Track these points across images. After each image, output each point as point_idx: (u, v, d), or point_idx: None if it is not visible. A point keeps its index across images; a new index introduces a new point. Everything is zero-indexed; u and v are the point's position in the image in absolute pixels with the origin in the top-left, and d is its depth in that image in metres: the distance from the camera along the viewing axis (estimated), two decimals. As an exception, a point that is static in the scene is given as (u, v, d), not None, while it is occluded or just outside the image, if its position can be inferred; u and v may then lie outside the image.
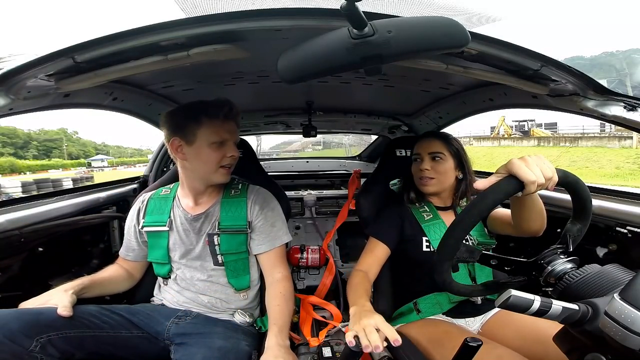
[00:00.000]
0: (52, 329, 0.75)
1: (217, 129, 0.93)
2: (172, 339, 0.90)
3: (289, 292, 0.98)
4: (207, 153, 0.93)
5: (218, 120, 0.93)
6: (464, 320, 0.99)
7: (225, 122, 0.94)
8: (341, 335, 1.07)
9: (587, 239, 1.01)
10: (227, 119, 0.94)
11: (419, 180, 1.08)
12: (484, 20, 0.74)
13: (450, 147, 1.07)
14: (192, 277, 0.99)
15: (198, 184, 0.99)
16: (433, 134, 1.11)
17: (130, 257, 1.05)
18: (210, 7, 0.66)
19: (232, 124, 0.97)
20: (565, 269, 0.59)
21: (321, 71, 0.55)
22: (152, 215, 1.03)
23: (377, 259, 1.03)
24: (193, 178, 0.99)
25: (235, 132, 0.98)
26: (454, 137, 1.11)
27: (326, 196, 1.94)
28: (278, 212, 1.06)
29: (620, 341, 0.42)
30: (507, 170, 0.61)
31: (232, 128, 0.96)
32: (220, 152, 0.94)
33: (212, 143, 0.92)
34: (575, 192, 0.64)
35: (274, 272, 1.01)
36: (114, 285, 1.01)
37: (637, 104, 0.78)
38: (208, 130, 0.92)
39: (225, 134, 0.94)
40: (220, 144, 0.94)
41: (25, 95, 0.73)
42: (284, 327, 0.91)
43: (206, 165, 0.95)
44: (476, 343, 0.55)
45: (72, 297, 0.82)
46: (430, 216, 1.07)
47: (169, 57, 0.71)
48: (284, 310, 0.94)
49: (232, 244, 0.99)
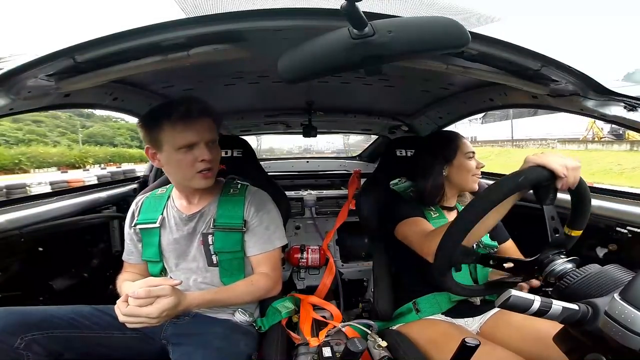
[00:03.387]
0: (37, 328, 0.76)
1: (180, 132, 0.84)
2: (169, 339, 0.89)
3: (261, 286, 0.95)
4: (177, 159, 0.87)
5: (179, 121, 0.84)
6: (464, 320, 0.99)
7: (188, 122, 0.85)
8: (341, 335, 1.07)
9: (587, 239, 1.02)
10: (189, 119, 0.85)
11: (472, 177, 1.05)
12: (483, 20, 0.74)
13: None
14: (187, 278, 0.99)
15: (186, 188, 0.98)
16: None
17: (132, 260, 1.05)
18: (210, 7, 0.66)
19: (198, 124, 0.87)
20: (565, 269, 0.59)
21: (321, 71, 0.55)
22: (145, 213, 1.02)
23: (426, 225, 0.99)
24: (177, 182, 0.97)
25: (207, 132, 0.89)
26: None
27: (326, 196, 1.94)
28: (274, 216, 1.04)
29: (620, 341, 0.42)
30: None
31: (199, 128, 0.87)
32: (190, 156, 0.87)
33: (178, 148, 0.85)
34: (580, 199, 0.66)
35: (257, 270, 0.99)
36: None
37: (637, 104, 0.78)
38: (170, 134, 0.85)
39: (190, 136, 0.85)
40: (189, 148, 0.86)
41: (26, 95, 0.73)
42: (215, 301, 0.87)
43: (180, 171, 0.90)
44: (474, 343, 0.56)
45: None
46: (437, 214, 1.07)
47: (169, 57, 0.71)
48: (238, 292, 0.91)
49: (227, 243, 0.97)
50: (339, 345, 0.99)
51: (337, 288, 1.62)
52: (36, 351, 0.74)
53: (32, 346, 0.74)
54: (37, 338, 0.75)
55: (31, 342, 0.74)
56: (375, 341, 0.96)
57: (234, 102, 1.53)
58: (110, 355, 0.85)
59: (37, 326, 0.76)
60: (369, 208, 1.23)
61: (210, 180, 0.93)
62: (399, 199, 1.13)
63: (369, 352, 0.94)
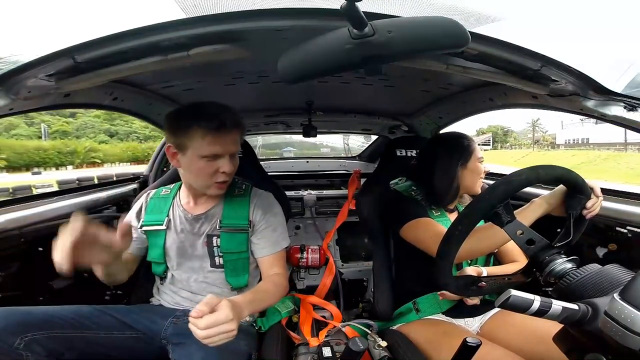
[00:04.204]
0: (37, 328, 0.76)
1: (210, 142, 0.84)
2: (169, 339, 0.90)
3: (281, 285, 0.97)
4: (198, 167, 0.87)
5: (211, 131, 0.83)
6: (464, 320, 1.00)
7: (219, 134, 0.84)
8: (341, 335, 1.08)
9: (587, 239, 1.03)
10: (221, 131, 0.84)
11: (479, 181, 1.07)
12: (483, 20, 0.74)
13: None
14: (188, 278, 0.99)
15: (196, 190, 0.98)
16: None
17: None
18: (210, 7, 0.66)
19: (230, 136, 0.87)
20: (565, 269, 0.59)
21: (321, 71, 0.55)
22: (151, 214, 1.03)
23: (439, 227, 0.97)
24: (189, 183, 0.98)
25: (233, 145, 0.89)
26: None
27: (326, 196, 1.94)
28: (280, 218, 1.06)
29: (620, 341, 0.42)
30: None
31: (229, 140, 0.87)
32: (213, 166, 0.87)
33: (202, 156, 0.85)
34: (566, 181, 0.68)
35: (270, 271, 1.01)
36: (122, 265, 0.90)
37: (637, 104, 0.78)
38: (199, 142, 0.84)
39: (218, 147, 0.85)
40: (213, 158, 0.86)
41: (26, 95, 0.73)
42: (256, 302, 0.83)
43: (198, 179, 0.90)
44: (475, 343, 0.56)
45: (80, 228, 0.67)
46: (439, 213, 1.07)
47: (169, 57, 0.71)
48: (269, 291, 0.91)
49: (233, 243, 0.98)
50: (339, 345, 0.99)
51: (337, 288, 1.62)
52: (36, 351, 0.74)
53: (32, 346, 0.74)
54: (37, 338, 0.75)
55: (31, 342, 0.74)
56: (375, 341, 0.96)
57: (234, 102, 1.53)
58: (110, 355, 0.85)
59: (37, 326, 0.76)
60: (369, 208, 1.23)
61: (224, 190, 0.95)
62: (404, 198, 1.13)
63: (369, 352, 0.94)
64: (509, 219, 0.63)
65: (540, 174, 0.64)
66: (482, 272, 0.91)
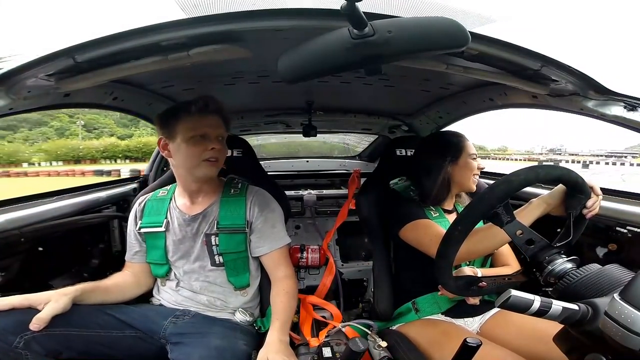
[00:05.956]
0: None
1: (195, 123, 0.93)
2: (168, 339, 0.90)
3: (292, 289, 1.01)
4: (187, 147, 0.93)
5: (194, 114, 0.94)
6: (463, 320, 0.99)
7: (202, 116, 0.94)
8: (341, 335, 1.07)
9: (587, 239, 1.03)
10: (203, 113, 0.95)
11: (472, 177, 1.07)
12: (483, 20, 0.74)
13: None
14: (189, 278, 0.99)
15: (190, 183, 1.00)
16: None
17: (135, 259, 1.04)
18: (210, 7, 0.66)
19: (212, 118, 0.96)
20: (565, 269, 0.59)
21: (321, 71, 0.55)
22: (149, 216, 1.03)
23: (438, 228, 0.97)
24: (182, 175, 0.99)
25: (218, 127, 0.98)
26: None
27: (326, 196, 1.94)
28: (278, 214, 1.06)
29: (620, 341, 0.42)
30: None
31: (212, 122, 0.96)
32: (201, 146, 0.94)
33: (190, 137, 0.93)
34: (566, 181, 0.68)
35: (277, 271, 1.02)
36: (119, 292, 0.98)
37: (637, 104, 0.78)
38: (185, 125, 0.93)
39: (203, 127, 0.94)
40: (200, 138, 0.94)
41: (26, 95, 0.73)
42: (286, 324, 0.93)
43: (188, 159, 0.95)
44: (476, 343, 0.56)
45: (65, 302, 0.80)
46: (437, 214, 1.07)
47: (169, 57, 0.71)
48: (287, 306, 0.96)
49: (231, 243, 0.99)
50: (339, 346, 0.99)
51: (337, 288, 1.62)
52: (35, 350, 0.74)
53: (31, 345, 0.74)
54: (36, 337, 0.75)
55: (30, 341, 0.74)
56: (375, 341, 0.96)
57: (234, 101, 1.53)
58: (109, 354, 0.85)
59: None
60: (368, 208, 1.23)
61: (215, 169, 0.98)
62: (401, 199, 1.13)
63: (369, 352, 0.94)
64: (509, 219, 0.63)
65: (539, 174, 0.64)
66: (477, 273, 0.91)
